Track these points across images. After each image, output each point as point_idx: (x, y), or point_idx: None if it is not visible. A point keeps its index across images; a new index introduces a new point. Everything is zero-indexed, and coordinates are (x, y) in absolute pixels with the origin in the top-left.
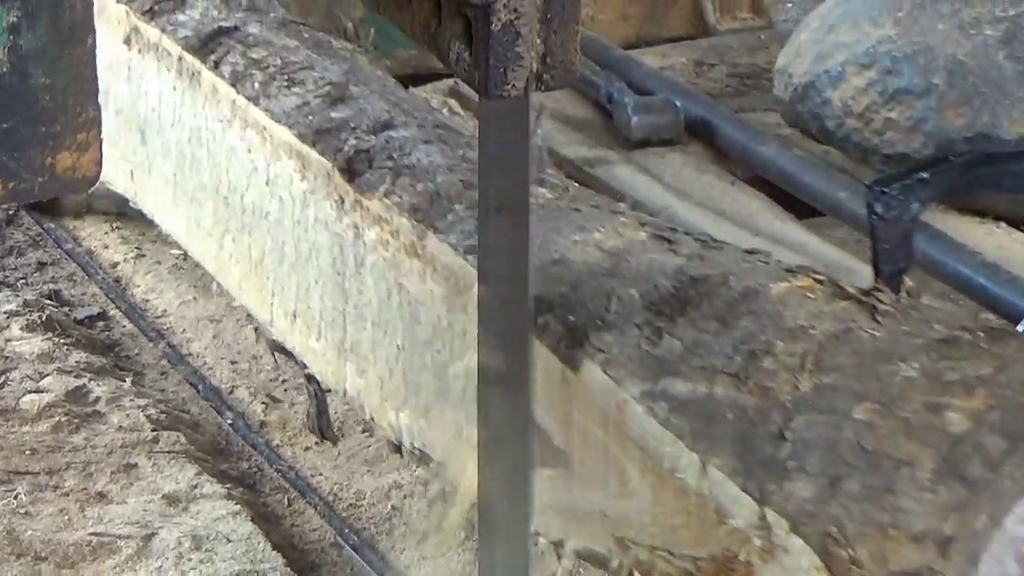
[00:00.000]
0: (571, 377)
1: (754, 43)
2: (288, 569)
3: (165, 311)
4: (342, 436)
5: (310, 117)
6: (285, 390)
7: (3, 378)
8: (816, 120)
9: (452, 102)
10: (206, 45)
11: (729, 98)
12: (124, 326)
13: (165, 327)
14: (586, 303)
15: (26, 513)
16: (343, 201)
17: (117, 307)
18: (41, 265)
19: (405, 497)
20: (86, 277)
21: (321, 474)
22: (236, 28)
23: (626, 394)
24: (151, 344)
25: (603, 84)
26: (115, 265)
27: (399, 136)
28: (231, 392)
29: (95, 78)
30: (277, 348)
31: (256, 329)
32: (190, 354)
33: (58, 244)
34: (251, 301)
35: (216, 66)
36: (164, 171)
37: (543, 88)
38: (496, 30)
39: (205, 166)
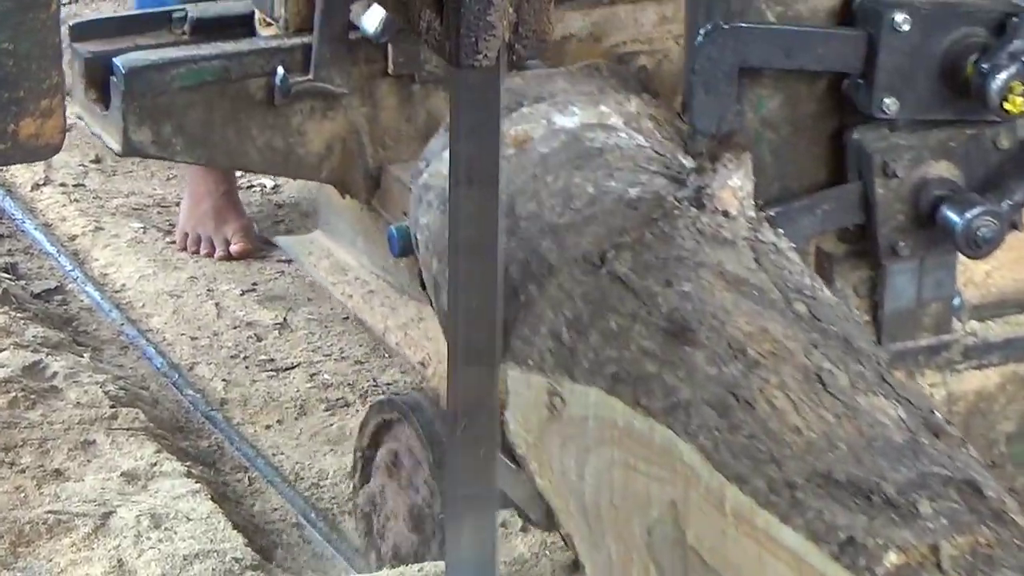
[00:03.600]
0: None
1: None
2: (248, 549)
3: (124, 285)
4: (304, 415)
5: None
6: (246, 367)
7: None
8: None
9: None
10: None
11: None
12: (82, 300)
13: (124, 302)
14: None
15: None
16: None
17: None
18: None
19: None
20: (43, 250)
21: (283, 453)
22: None
23: None
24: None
25: None
26: (73, 238)
27: None
28: (191, 369)
29: (59, 43)
30: None
31: (217, 305)
32: (149, 330)
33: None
34: None
35: None
36: None
37: (515, 58)
38: None
39: None
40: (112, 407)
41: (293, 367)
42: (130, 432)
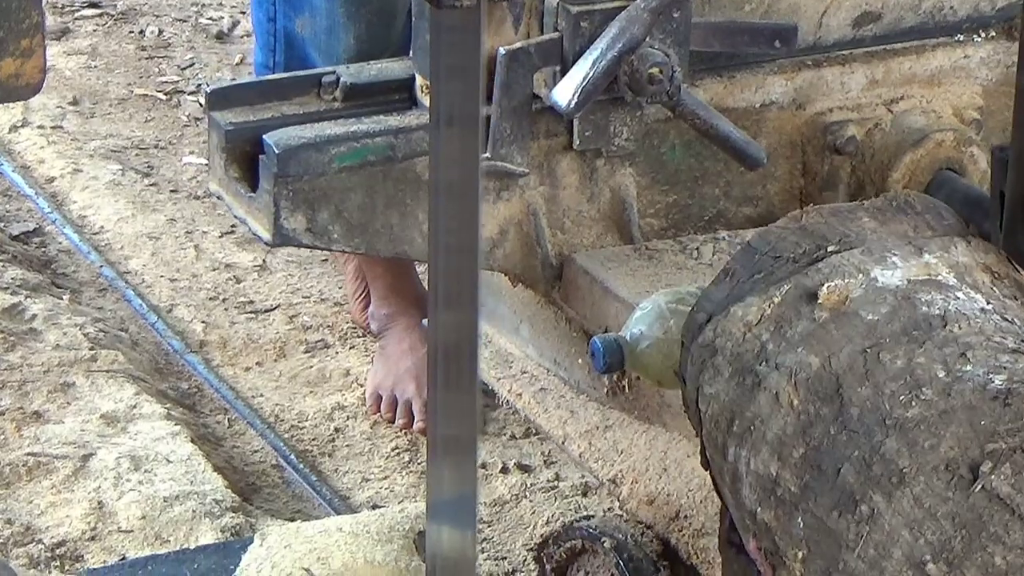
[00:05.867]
0: None
1: None
2: (228, 490)
3: (102, 227)
4: (283, 357)
5: None
6: (226, 309)
7: None
8: None
9: None
10: None
11: None
12: (60, 242)
13: (103, 244)
14: None
15: None
16: None
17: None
18: None
19: (348, 419)
20: (21, 192)
21: (263, 395)
22: None
23: None
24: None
25: None
26: (51, 180)
27: None
28: (170, 311)
29: None
30: None
31: (196, 247)
32: (128, 272)
33: None
34: None
35: None
36: None
37: None
38: None
39: None
40: (91, 349)
41: (272, 309)
42: (109, 374)
